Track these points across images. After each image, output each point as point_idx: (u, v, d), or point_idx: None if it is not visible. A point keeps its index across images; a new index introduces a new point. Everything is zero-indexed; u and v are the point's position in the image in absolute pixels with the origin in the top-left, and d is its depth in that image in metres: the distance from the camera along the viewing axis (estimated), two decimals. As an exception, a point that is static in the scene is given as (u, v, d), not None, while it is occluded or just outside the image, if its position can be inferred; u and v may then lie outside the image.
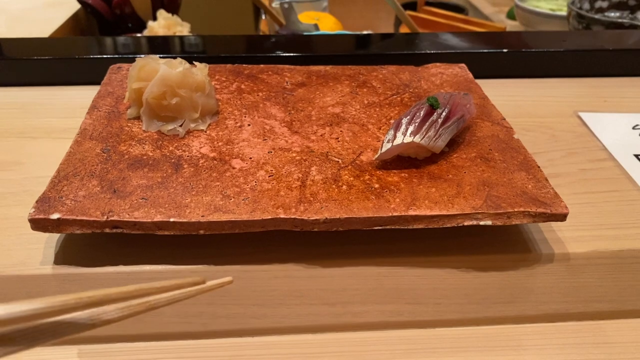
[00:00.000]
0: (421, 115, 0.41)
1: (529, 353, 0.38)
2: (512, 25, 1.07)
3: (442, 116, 0.42)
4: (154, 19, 0.89)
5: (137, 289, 0.22)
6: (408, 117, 0.41)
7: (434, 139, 0.41)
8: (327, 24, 1.02)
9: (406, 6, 1.08)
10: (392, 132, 0.41)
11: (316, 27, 0.95)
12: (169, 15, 0.88)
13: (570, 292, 0.40)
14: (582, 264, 0.40)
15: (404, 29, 1.00)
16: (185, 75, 0.44)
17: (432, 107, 0.42)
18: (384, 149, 0.40)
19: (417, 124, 0.41)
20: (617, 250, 0.40)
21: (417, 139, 0.40)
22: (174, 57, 0.46)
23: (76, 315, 0.21)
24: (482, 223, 0.37)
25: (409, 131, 0.40)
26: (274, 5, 1.06)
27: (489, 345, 0.39)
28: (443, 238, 0.40)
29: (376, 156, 0.41)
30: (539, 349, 0.39)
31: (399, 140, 0.40)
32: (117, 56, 0.63)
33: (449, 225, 0.37)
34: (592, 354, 0.38)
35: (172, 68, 0.44)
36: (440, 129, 0.41)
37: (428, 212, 0.37)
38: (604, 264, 0.40)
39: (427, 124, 0.41)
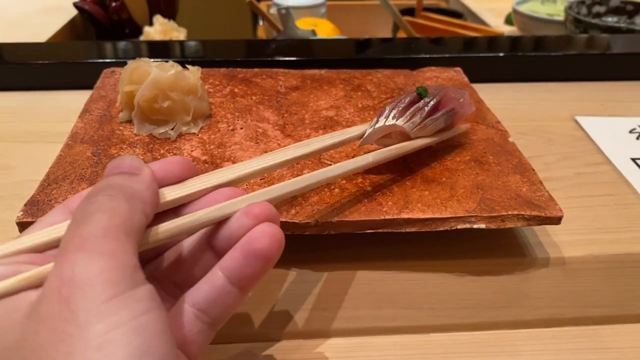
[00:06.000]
0: (406, 101, 0.40)
1: (525, 358, 0.38)
2: (509, 31, 1.07)
3: (429, 105, 0.40)
4: (151, 24, 0.89)
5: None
6: (393, 103, 0.41)
7: (418, 126, 0.39)
8: (325, 30, 1.02)
9: (404, 12, 1.08)
10: (375, 119, 0.40)
11: (314, 33, 0.95)
12: (165, 20, 0.88)
13: (566, 296, 0.40)
14: (578, 268, 0.40)
15: (401, 35, 1.00)
16: (177, 78, 0.44)
17: (420, 96, 0.41)
18: (365, 135, 0.39)
19: (400, 109, 0.39)
20: (613, 254, 0.40)
21: (399, 122, 0.39)
22: (167, 61, 0.46)
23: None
24: (475, 226, 0.36)
25: (392, 115, 0.39)
26: (271, 11, 1.06)
27: (484, 350, 0.38)
28: (437, 242, 0.40)
29: (359, 144, 0.40)
30: (534, 354, 0.38)
31: (380, 123, 0.39)
32: (111, 60, 0.62)
33: (442, 229, 0.37)
34: (588, 359, 0.38)
35: (164, 71, 0.44)
36: (427, 120, 0.40)
37: (421, 215, 0.36)
38: (600, 268, 0.40)
39: (412, 109, 0.40)
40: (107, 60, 0.62)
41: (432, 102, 0.40)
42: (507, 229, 0.41)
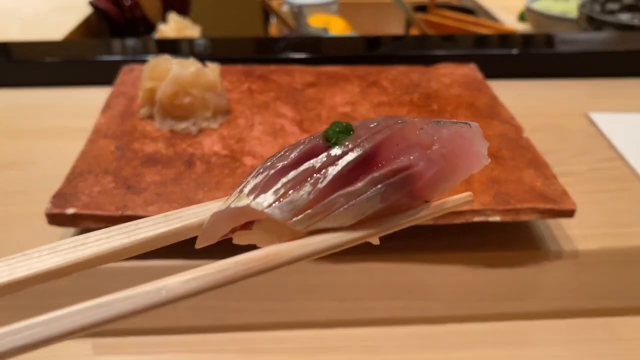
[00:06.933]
0: (293, 155, 0.19)
1: (538, 349, 0.39)
2: (522, 28, 1.07)
3: (339, 163, 0.18)
4: (164, 22, 0.90)
5: None
6: (275, 156, 0.19)
7: (305, 211, 0.18)
8: (337, 28, 1.02)
9: (416, 9, 1.09)
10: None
11: (325, 30, 0.96)
12: (180, 18, 0.89)
13: (579, 288, 0.41)
14: (591, 261, 0.40)
15: (414, 32, 1.00)
16: (197, 75, 0.45)
17: (327, 142, 0.19)
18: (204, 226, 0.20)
19: (274, 171, 0.19)
20: (625, 247, 0.41)
21: (259, 202, 0.18)
22: (187, 58, 0.47)
23: None
24: (490, 219, 0.37)
25: (251, 185, 0.18)
26: (283, 9, 1.07)
27: (498, 340, 0.39)
28: (453, 235, 0.40)
29: (196, 244, 0.20)
30: (547, 344, 0.39)
31: (226, 204, 0.19)
32: (129, 57, 0.63)
33: (457, 222, 0.37)
34: (600, 350, 0.39)
35: (184, 68, 0.45)
36: (334, 196, 0.18)
37: (437, 208, 0.37)
38: (613, 261, 0.41)
39: (297, 172, 0.18)
40: (126, 58, 0.63)
41: (347, 157, 0.18)
42: (522, 222, 0.42)
